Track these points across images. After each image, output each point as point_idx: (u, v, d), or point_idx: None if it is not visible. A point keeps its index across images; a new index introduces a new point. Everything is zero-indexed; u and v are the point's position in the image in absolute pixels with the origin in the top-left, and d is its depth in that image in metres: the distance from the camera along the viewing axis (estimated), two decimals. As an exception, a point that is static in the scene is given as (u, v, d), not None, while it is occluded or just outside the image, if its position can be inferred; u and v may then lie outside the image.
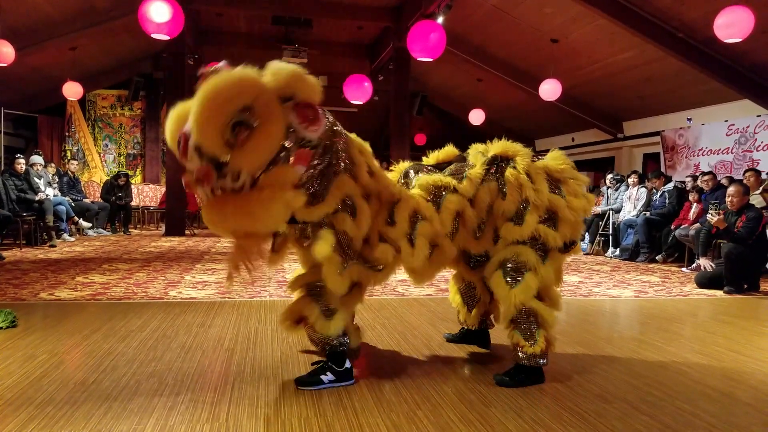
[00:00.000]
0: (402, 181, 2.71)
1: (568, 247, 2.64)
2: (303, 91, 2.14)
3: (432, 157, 2.85)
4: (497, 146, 2.67)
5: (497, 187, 2.57)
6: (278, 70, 2.14)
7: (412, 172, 2.70)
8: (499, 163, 2.62)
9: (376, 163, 2.52)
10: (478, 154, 2.70)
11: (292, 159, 2.12)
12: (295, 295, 2.53)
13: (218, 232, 2.21)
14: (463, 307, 3.07)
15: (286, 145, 2.10)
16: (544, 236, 2.52)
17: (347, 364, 2.48)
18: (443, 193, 2.52)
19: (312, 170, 2.20)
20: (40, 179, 8.12)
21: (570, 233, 2.59)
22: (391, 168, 2.82)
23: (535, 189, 2.53)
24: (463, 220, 2.54)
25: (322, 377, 2.43)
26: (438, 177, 2.58)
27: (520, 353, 2.53)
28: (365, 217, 2.32)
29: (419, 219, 2.45)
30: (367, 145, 2.53)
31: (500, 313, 2.74)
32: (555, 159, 2.67)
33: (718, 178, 7.58)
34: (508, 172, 2.56)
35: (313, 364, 2.63)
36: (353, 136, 2.50)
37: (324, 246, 2.23)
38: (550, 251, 2.58)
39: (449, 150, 2.86)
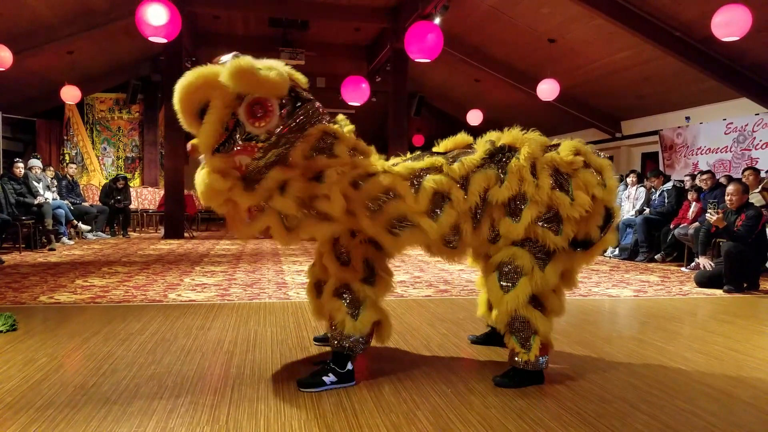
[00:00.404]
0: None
1: (582, 244, 2.50)
2: (250, 87, 2.26)
3: (442, 146, 2.75)
4: (508, 135, 2.59)
5: (496, 175, 2.47)
6: (226, 68, 2.27)
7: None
8: (506, 153, 2.52)
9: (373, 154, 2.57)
10: (486, 141, 2.61)
11: (237, 148, 2.32)
12: (324, 293, 2.59)
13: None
14: (485, 305, 2.96)
15: (236, 136, 2.32)
16: (542, 238, 2.44)
17: (349, 366, 2.47)
18: (427, 173, 2.48)
19: (257, 160, 2.34)
20: (38, 183, 8.12)
21: (578, 231, 2.45)
22: (399, 155, 2.75)
23: (536, 184, 2.42)
24: (450, 202, 2.44)
25: (324, 378, 2.42)
26: (430, 160, 2.54)
27: (516, 359, 2.52)
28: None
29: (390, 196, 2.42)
30: (366, 146, 2.56)
31: (496, 318, 2.62)
32: (565, 149, 2.52)
33: (717, 177, 7.58)
34: (511, 163, 2.47)
35: (315, 363, 2.61)
36: (350, 137, 2.51)
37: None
38: (554, 254, 2.47)
39: (461, 137, 2.76)
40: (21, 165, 7.93)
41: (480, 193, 2.46)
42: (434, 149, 2.75)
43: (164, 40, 6.79)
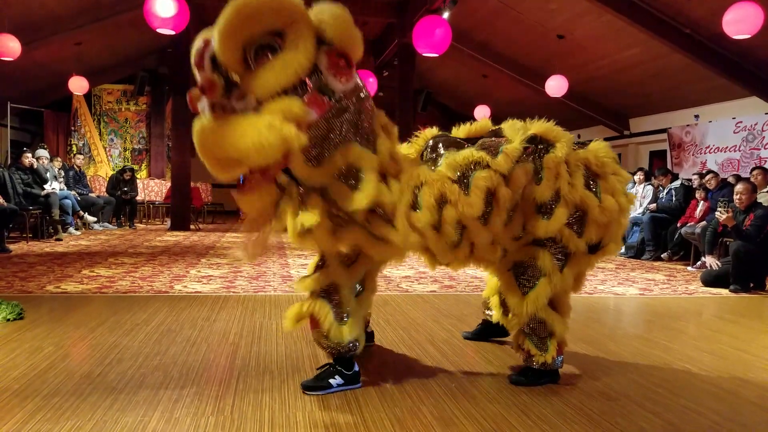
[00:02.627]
0: (429, 156, 2.40)
1: (596, 248, 2.45)
2: (344, 38, 1.99)
3: (463, 130, 2.55)
4: (538, 126, 2.43)
5: (534, 169, 2.32)
6: (325, 9, 2.00)
7: (441, 146, 2.39)
8: (538, 145, 2.38)
9: (398, 145, 2.35)
10: (516, 130, 2.42)
11: (306, 98, 1.95)
12: (305, 294, 2.37)
13: (206, 160, 1.99)
14: (499, 308, 2.73)
15: (307, 82, 1.96)
16: (565, 240, 2.35)
17: (355, 368, 2.40)
18: (473, 169, 2.24)
19: (320, 127, 2.00)
20: (46, 173, 8.17)
21: (599, 235, 2.39)
22: (416, 135, 2.56)
23: (570, 183, 2.32)
24: (496, 200, 2.24)
25: (331, 381, 2.32)
26: (468, 152, 2.29)
27: (532, 360, 2.47)
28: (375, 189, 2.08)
29: (445, 203, 2.20)
30: (394, 128, 2.35)
31: (512, 320, 2.51)
32: (598, 150, 2.44)
33: (724, 176, 7.54)
34: (549, 157, 2.32)
35: (318, 369, 2.47)
36: (381, 113, 2.31)
37: (310, 217, 2.06)
38: (571, 255, 2.41)
39: (484, 123, 2.56)
40: (29, 155, 7.97)
41: (519, 189, 2.31)
42: (453, 132, 2.58)
43: (172, 32, 6.79)
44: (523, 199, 2.34)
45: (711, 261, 5.98)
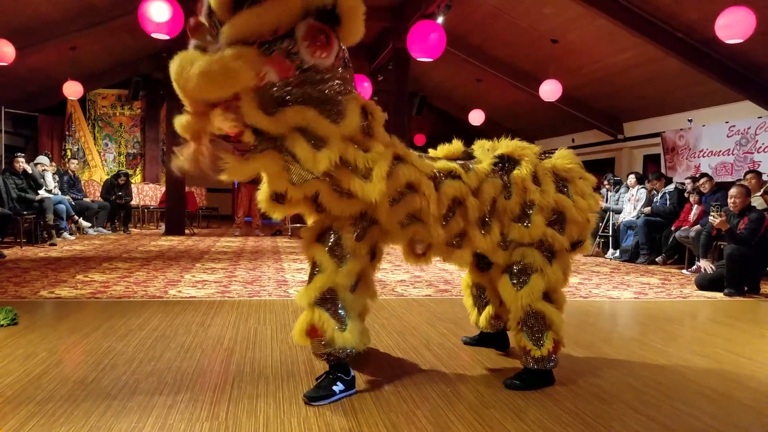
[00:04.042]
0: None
1: (575, 245, 2.63)
2: (346, 15, 2.07)
3: (440, 151, 2.76)
4: (505, 145, 2.66)
5: (502, 184, 2.54)
6: None
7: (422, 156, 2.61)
8: (506, 162, 2.60)
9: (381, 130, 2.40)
10: (485, 150, 2.68)
11: (271, 57, 2.01)
12: (303, 306, 2.35)
13: (184, 96, 2.08)
14: (473, 309, 3.07)
15: (281, 43, 2.01)
16: (551, 240, 2.51)
17: (351, 372, 2.40)
18: (448, 176, 2.46)
19: (279, 88, 2.04)
20: (42, 179, 8.14)
21: (578, 233, 2.58)
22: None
23: (541, 190, 2.52)
24: (464, 209, 2.46)
25: (334, 388, 2.29)
26: (444, 164, 2.52)
27: (528, 357, 2.52)
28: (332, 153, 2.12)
29: (415, 190, 2.34)
30: (378, 111, 2.40)
31: (510, 317, 2.65)
32: (563, 158, 2.64)
33: (718, 180, 7.57)
34: (515, 174, 2.54)
35: (317, 379, 2.42)
36: (370, 103, 2.39)
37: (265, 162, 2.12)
38: (558, 252, 2.56)
39: (456, 145, 2.77)
40: (21, 160, 7.93)
41: (489, 202, 2.51)
42: (431, 153, 2.75)
43: (167, 37, 6.79)
44: (497, 211, 2.53)
45: (705, 264, 6.01)
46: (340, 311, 2.30)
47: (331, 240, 2.31)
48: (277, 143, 2.12)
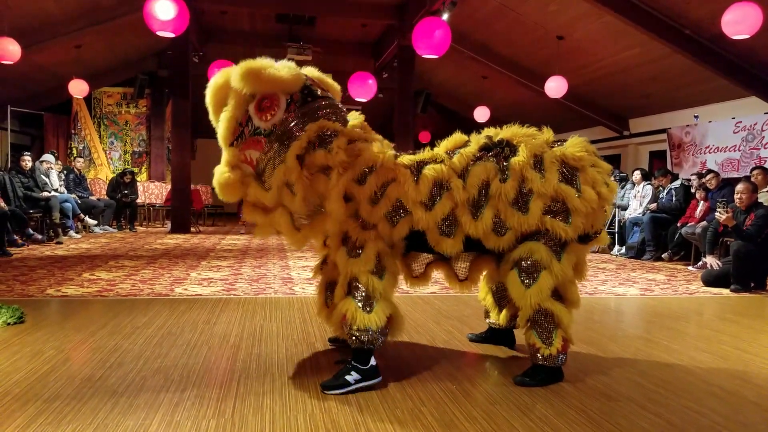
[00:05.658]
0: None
1: (590, 237, 2.57)
2: (262, 86, 2.38)
3: (442, 146, 2.73)
4: (507, 131, 2.63)
5: (495, 168, 2.49)
6: (240, 71, 2.35)
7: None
8: (505, 147, 2.54)
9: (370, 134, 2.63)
10: (482, 136, 2.64)
11: (246, 143, 2.44)
12: (336, 299, 2.54)
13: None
14: (494, 307, 3.02)
15: (245, 131, 2.43)
16: (552, 228, 2.46)
17: (372, 362, 2.42)
18: (429, 162, 2.52)
19: (265, 157, 2.42)
20: (48, 177, 8.18)
21: (586, 224, 2.50)
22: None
23: (543, 177, 2.46)
24: (450, 192, 2.46)
25: (347, 378, 2.35)
26: (427, 153, 2.59)
27: (537, 354, 2.51)
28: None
29: (393, 181, 2.47)
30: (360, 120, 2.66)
31: (519, 315, 2.64)
32: (574, 146, 2.57)
33: (724, 176, 7.53)
34: (513, 160, 2.48)
35: (336, 363, 2.52)
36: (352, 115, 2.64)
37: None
38: (567, 244, 2.51)
39: (458, 137, 2.73)
40: (27, 158, 7.97)
41: (479, 185, 2.48)
42: (436, 149, 2.74)
43: (172, 35, 6.80)
44: (491, 196, 2.49)
45: (711, 261, 5.98)
46: (366, 294, 2.41)
47: (348, 243, 2.49)
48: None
